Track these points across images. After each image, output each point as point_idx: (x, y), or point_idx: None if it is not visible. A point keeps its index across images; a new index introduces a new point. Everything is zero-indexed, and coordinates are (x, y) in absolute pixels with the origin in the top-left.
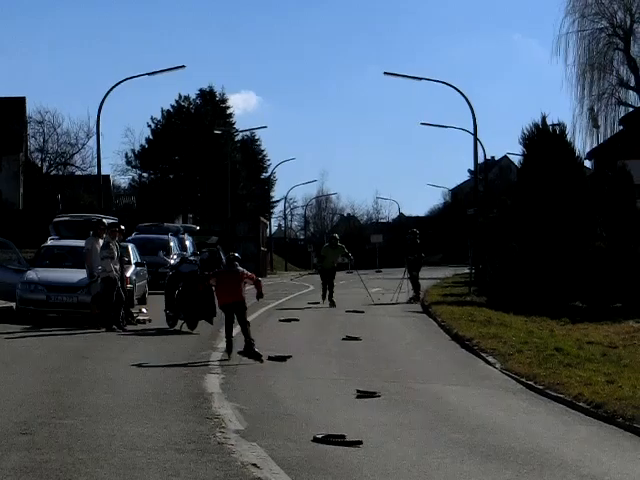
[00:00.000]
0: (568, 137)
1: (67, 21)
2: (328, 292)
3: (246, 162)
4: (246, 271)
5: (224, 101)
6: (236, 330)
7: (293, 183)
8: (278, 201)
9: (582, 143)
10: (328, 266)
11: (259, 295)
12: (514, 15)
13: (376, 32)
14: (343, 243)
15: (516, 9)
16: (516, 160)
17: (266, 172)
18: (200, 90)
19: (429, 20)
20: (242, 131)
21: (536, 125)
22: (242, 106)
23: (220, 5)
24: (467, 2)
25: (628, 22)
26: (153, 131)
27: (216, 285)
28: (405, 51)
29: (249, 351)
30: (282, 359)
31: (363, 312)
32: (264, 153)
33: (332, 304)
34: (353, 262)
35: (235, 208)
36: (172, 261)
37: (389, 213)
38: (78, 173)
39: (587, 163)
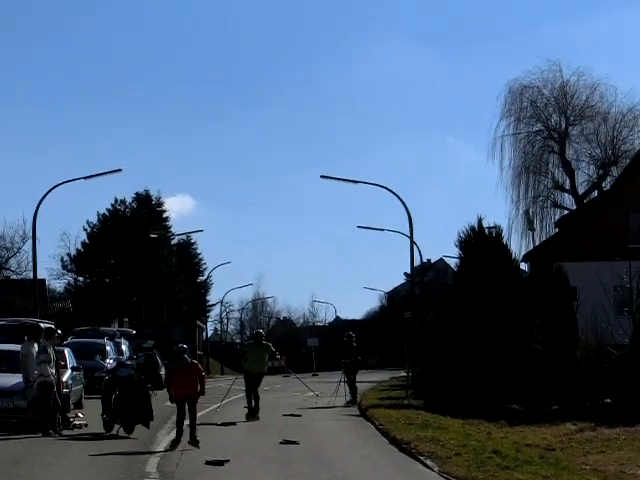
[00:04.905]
0: (504, 240)
1: (1, 124)
2: (254, 403)
3: (182, 265)
4: (198, 364)
5: (160, 205)
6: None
7: (229, 286)
8: (214, 305)
9: (518, 245)
10: (253, 369)
11: (202, 392)
12: (448, 118)
13: (313, 135)
14: (270, 343)
15: (449, 112)
16: (452, 263)
17: (202, 275)
18: (136, 194)
19: (366, 122)
20: (178, 234)
21: (472, 228)
22: (178, 209)
23: (155, 109)
24: (401, 105)
25: (563, 125)
26: (89, 235)
27: (172, 379)
28: (342, 153)
29: (193, 439)
30: (220, 463)
31: (300, 416)
32: (200, 256)
33: (253, 417)
34: (281, 361)
35: (171, 312)
36: (108, 365)
37: (325, 316)
38: (13, 277)
39: (523, 265)
